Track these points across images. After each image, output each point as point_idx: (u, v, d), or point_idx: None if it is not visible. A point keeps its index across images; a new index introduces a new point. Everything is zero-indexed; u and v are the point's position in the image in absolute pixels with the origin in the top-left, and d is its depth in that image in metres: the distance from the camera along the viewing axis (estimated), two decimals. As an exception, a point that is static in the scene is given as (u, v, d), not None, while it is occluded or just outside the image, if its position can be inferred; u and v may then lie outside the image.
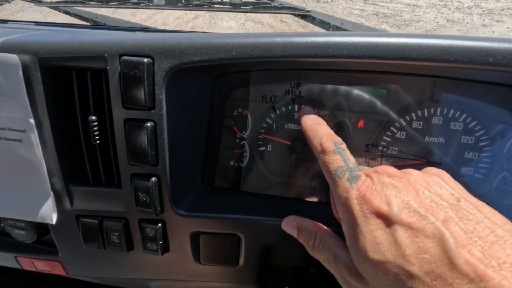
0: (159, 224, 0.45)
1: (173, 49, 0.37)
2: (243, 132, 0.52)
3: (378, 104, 0.47)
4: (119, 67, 0.38)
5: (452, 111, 0.45)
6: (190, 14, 4.37)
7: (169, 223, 0.46)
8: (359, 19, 4.11)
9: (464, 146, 0.45)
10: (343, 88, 0.47)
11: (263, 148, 0.52)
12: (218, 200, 0.49)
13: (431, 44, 0.33)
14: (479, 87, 0.43)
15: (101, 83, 0.41)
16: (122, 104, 0.39)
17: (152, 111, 0.39)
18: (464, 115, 0.44)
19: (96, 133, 0.42)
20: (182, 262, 0.50)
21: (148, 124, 0.39)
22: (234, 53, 0.37)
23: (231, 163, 0.53)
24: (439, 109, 0.45)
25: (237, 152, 0.52)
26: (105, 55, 0.38)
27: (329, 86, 0.48)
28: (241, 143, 0.52)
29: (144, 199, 0.42)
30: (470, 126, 0.44)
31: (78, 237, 0.47)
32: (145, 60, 0.37)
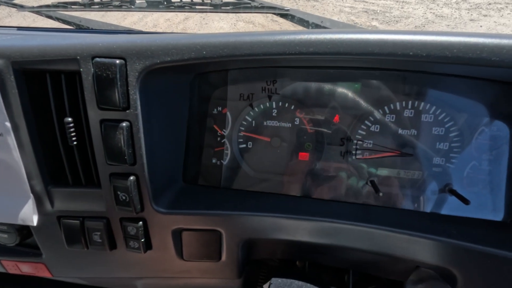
0: (140, 222, 0.46)
1: (145, 50, 0.38)
2: (223, 130, 0.53)
3: (353, 98, 0.48)
4: (92, 69, 0.38)
5: (422, 103, 0.46)
6: (181, 15, 4.35)
7: (150, 221, 0.46)
8: (349, 16, 4.14)
9: (435, 137, 0.47)
10: (318, 84, 0.49)
11: (244, 146, 0.53)
12: (199, 197, 0.50)
13: (392, 40, 0.34)
14: (447, 80, 0.45)
15: (75, 85, 0.41)
16: (97, 105, 0.40)
17: (127, 111, 0.40)
18: (433, 107, 0.46)
19: (72, 134, 0.42)
20: (165, 259, 0.51)
21: (124, 124, 0.40)
22: (204, 52, 0.38)
23: (213, 161, 0.54)
24: (410, 102, 0.46)
25: (218, 150, 0.53)
26: (78, 57, 0.38)
27: (305, 83, 0.49)
28: (222, 141, 0.53)
29: (124, 198, 0.43)
30: (440, 118, 0.46)
31: (61, 238, 0.48)
32: (118, 61, 0.38)
